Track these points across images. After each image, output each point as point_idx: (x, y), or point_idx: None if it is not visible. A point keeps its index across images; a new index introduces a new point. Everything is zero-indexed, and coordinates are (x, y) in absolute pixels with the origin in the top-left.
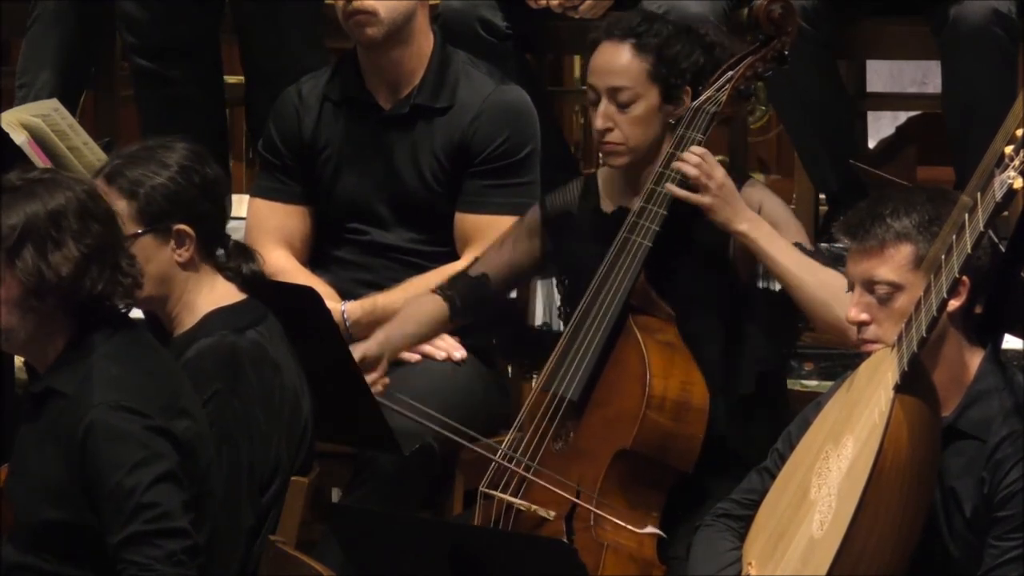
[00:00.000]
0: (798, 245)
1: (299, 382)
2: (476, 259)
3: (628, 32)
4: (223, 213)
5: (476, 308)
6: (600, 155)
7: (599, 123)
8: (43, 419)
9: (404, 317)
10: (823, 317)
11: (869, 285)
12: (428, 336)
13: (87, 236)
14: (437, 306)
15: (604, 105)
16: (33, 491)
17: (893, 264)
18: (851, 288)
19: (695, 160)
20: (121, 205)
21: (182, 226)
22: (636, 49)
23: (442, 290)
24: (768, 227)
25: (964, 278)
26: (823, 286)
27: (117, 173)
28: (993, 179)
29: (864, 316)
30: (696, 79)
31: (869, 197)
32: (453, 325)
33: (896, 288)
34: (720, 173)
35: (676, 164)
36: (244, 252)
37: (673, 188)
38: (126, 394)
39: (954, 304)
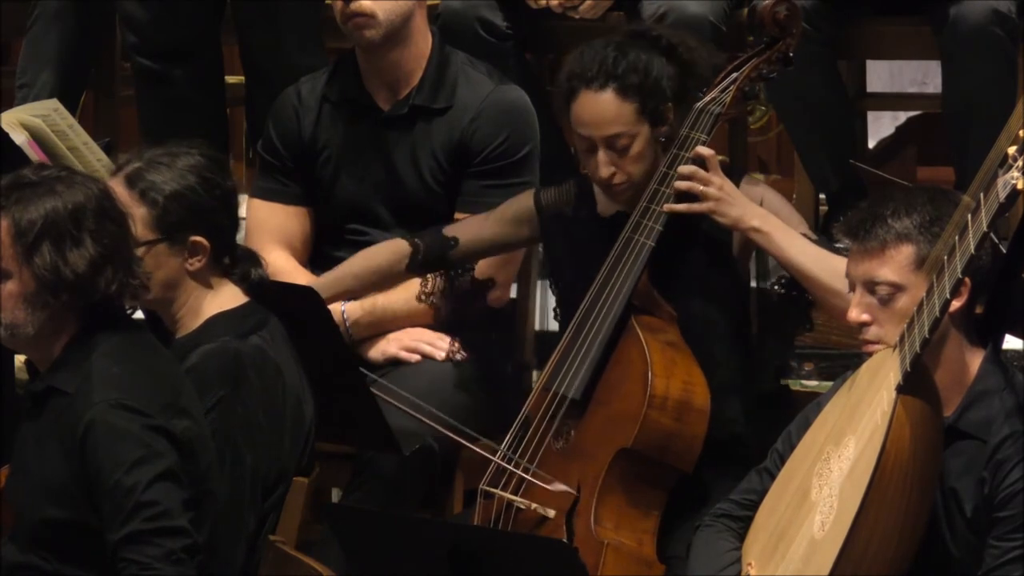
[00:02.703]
0: (803, 235)
1: (301, 386)
2: (456, 225)
3: (607, 76)
4: (237, 224)
5: (435, 264)
6: (605, 193)
7: (604, 172)
8: (44, 418)
9: (356, 256)
10: (838, 306)
11: (870, 286)
12: (373, 279)
13: (104, 236)
14: (397, 249)
15: (603, 154)
16: (34, 490)
17: (894, 265)
18: (852, 289)
19: (687, 172)
20: (140, 212)
21: (198, 238)
22: (620, 93)
23: (410, 237)
24: (778, 220)
25: (965, 279)
26: (836, 276)
27: (138, 177)
28: (996, 179)
29: (865, 317)
30: (677, 95)
31: (869, 197)
32: (408, 275)
33: (897, 289)
34: (718, 177)
35: (678, 185)
36: (251, 257)
37: (672, 207)
38: (126, 393)
39: (955, 305)
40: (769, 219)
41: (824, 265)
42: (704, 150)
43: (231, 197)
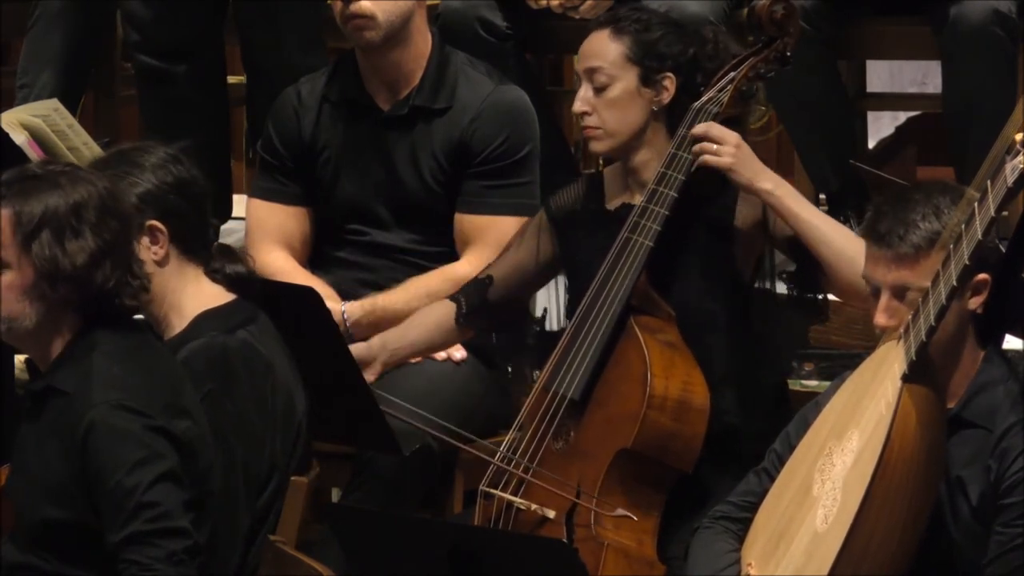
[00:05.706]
0: None
1: (292, 381)
2: (488, 265)
3: (612, 19)
4: (201, 213)
5: (480, 309)
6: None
7: (576, 106)
8: (44, 418)
9: (408, 323)
10: (849, 273)
11: (901, 291)
12: (434, 343)
13: (105, 231)
14: (444, 310)
15: (583, 89)
16: (34, 490)
17: (930, 271)
18: (874, 293)
19: (701, 131)
20: None
21: (153, 222)
22: (614, 32)
23: (452, 295)
24: (789, 185)
25: (987, 276)
26: (849, 242)
27: None
28: (1004, 165)
29: (894, 322)
30: (681, 70)
31: (887, 200)
32: (460, 330)
33: None
34: (734, 136)
35: (694, 149)
36: (228, 253)
37: (696, 161)
38: (127, 393)
39: (977, 301)
40: (782, 183)
41: (837, 229)
42: (704, 124)
43: (188, 184)
